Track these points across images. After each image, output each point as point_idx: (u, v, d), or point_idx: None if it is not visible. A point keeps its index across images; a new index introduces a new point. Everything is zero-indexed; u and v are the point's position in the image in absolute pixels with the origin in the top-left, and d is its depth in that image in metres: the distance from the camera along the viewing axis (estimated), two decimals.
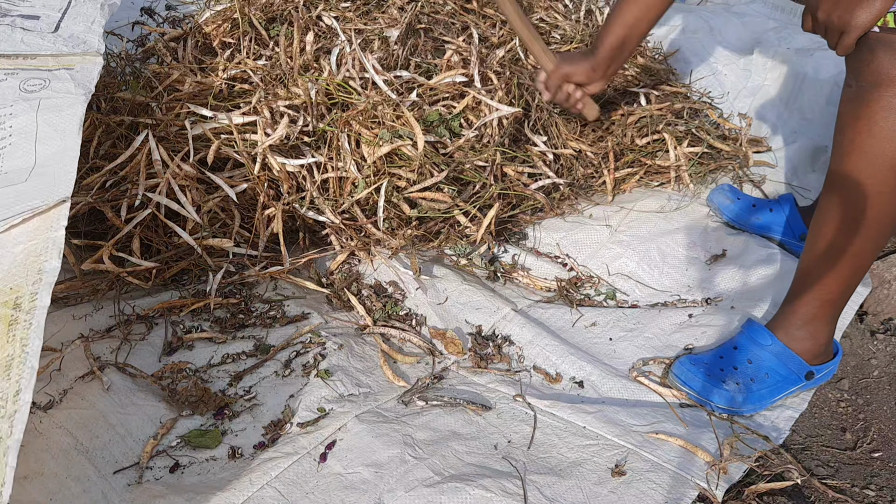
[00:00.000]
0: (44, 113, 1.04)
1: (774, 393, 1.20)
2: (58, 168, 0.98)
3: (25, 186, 0.95)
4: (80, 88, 1.10)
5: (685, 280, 1.53)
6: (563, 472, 1.04)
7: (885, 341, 1.39)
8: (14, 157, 0.99)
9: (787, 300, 1.23)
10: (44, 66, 1.13)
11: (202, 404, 1.12)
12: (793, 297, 1.21)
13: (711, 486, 1.03)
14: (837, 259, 1.11)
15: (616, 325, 1.39)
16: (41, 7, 1.27)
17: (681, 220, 1.66)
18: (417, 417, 1.13)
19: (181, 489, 0.98)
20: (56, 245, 0.87)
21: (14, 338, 0.78)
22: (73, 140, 1.02)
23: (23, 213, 0.89)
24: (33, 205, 0.91)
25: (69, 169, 0.97)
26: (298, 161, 1.44)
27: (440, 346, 1.34)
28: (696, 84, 2.02)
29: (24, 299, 0.82)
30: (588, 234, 1.64)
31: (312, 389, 1.16)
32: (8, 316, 0.80)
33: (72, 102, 1.06)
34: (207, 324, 1.31)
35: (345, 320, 1.36)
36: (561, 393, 1.24)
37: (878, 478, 1.12)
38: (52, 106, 1.06)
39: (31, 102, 1.06)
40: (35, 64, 1.13)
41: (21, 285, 0.83)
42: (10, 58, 1.12)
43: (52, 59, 1.15)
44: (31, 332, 0.78)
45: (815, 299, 1.17)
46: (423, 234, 1.48)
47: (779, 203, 1.62)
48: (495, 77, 1.66)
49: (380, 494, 0.98)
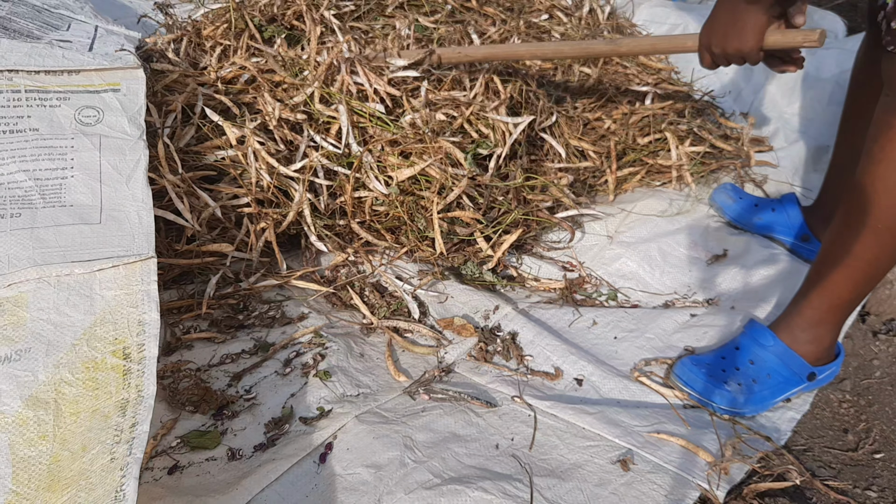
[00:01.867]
0: (107, 154, 1.10)
1: (776, 394, 1.20)
2: (131, 216, 1.05)
3: (103, 230, 1.01)
4: (134, 127, 1.16)
5: (686, 280, 1.52)
6: (564, 473, 1.04)
7: (887, 342, 1.39)
8: (76, 192, 1.04)
9: (795, 301, 1.22)
10: (91, 85, 1.17)
11: (204, 403, 1.12)
12: (800, 298, 1.21)
13: (713, 487, 1.03)
14: (852, 266, 1.10)
15: (617, 326, 1.38)
16: (71, 35, 1.33)
17: (682, 220, 1.65)
18: (417, 418, 1.12)
19: (180, 491, 0.97)
20: (152, 299, 0.96)
21: (129, 385, 0.90)
22: (141, 191, 1.08)
23: (110, 258, 0.98)
24: (116, 252, 0.99)
25: (146, 222, 1.05)
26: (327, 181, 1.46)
27: (450, 336, 1.34)
28: (698, 83, 2.02)
29: (132, 350, 0.92)
30: (589, 234, 1.63)
31: (312, 389, 1.16)
32: (121, 366, 0.91)
33: (132, 147, 1.13)
34: (206, 324, 1.31)
35: (346, 320, 1.36)
36: (562, 393, 1.23)
37: (879, 479, 1.12)
38: (114, 147, 1.12)
39: (92, 139, 1.11)
40: (81, 82, 1.17)
41: (125, 336, 0.93)
42: (57, 74, 1.17)
43: (96, 74, 1.20)
44: (145, 380, 0.90)
45: (823, 303, 1.16)
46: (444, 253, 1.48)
47: (781, 203, 1.61)
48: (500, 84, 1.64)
49: (379, 496, 0.98)
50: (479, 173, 1.48)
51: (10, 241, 0.95)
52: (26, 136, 1.07)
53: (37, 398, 0.85)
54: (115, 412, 0.87)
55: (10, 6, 1.31)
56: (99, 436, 0.85)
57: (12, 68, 1.13)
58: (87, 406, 0.86)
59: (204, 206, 1.38)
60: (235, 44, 1.63)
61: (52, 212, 1.00)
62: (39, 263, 0.93)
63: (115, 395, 0.88)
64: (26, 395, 0.85)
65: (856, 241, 1.09)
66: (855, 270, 1.10)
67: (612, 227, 1.64)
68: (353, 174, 1.44)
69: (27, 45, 1.18)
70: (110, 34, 1.43)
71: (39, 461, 0.81)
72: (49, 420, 0.84)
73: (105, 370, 0.89)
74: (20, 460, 0.81)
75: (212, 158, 1.43)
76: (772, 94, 2.04)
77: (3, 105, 1.09)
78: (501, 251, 1.46)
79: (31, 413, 0.84)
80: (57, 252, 0.96)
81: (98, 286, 0.95)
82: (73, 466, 0.82)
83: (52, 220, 0.99)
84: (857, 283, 1.12)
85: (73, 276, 0.94)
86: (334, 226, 1.50)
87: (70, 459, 0.83)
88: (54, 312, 0.91)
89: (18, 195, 1.00)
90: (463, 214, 1.45)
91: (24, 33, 1.23)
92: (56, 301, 0.92)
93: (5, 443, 0.81)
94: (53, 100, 1.13)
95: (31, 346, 0.88)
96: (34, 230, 0.97)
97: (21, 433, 0.82)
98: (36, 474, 0.81)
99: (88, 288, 0.94)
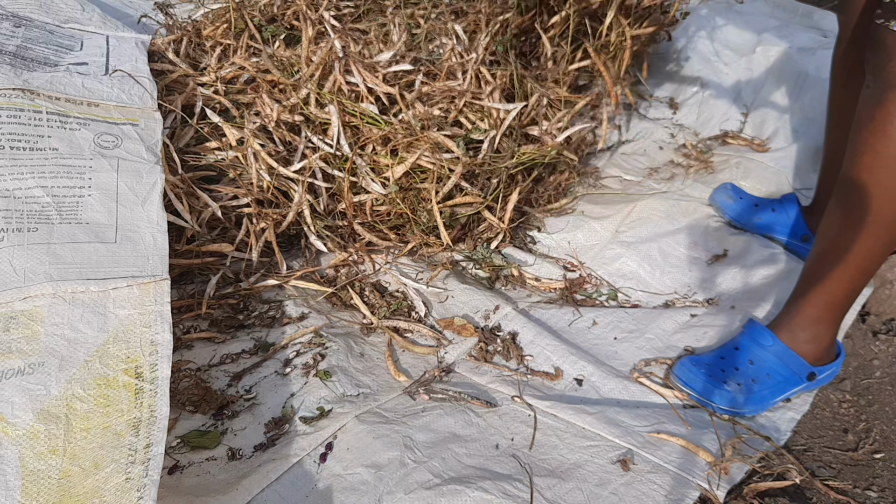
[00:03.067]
0: (123, 175, 1.12)
1: (776, 394, 1.20)
2: (146, 237, 1.06)
3: (118, 249, 1.03)
4: (151, 154, 1.18)
5: (686, 280, 1.52)
6: (564, 473, 1.04)
7: (887, 342, 1.39)
8: (93, 210, 1.06)
9: (791, 301, 1.22)
10: (110, 117, 1.19)
11: (204, 403, 1.12)
12: (797, 297, 1.21)
13: (713, 487, 1.03)
14: (846, 260, 1.10)
15: (617, 326, 1.38)
16: (85, 55, 1.35)
17: (682, 220, 1.65)
18: (417, 418, 1.12)
19: (180, 491, 0.97)
20: (165, 319, 0.97)
21: (142, 404, 0.90)
22: (156, 213, 1.10)
23: (125, 278, 0.99)
24: (131, 272, 1.00)
25: (161, 245, 1.06)
26: (326, 184, 1.47)
27: (450, 336, 1.34)
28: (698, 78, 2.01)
29: (144, 369, 0.93)
30: (589, 234, 1.64)
31: (312, 389, 1.16)
32: (133, 385, 0.91)
33: (149, 170, 1.15)
34: (206, 323, 1.31)
35: (346, 320, 1.36)
36: (562, 393, 1.23)
37: (879, 479, 1.11)
38: (132, 170, 1.13)
39: (110, 161, 1.12)
40: (101, 114, 1.19)
41: (137, 355, 0.94)
42: (77, 103, 1.19)
43: (116, 109, 1.22)
44: (158, 401, 0.91)
45: (820, 301, 1.16)
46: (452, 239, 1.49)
47: (781, 203, 1.61)
48: (488, 73, 1.64)
49: (379, 496, 0.98)
50: (472, 156, 1.49)
51: (27, 255, 0.96)
52: (46, 154, 1.09)
53: (48, 412, 0.85)
54: (128, 431, 0.88)
55: (24, 31, 1.33)
56: (112, 454, 0.85)
57: (34, 90, 1.15)
58: (98, 423, 0.87)
59: (204, 206, 1.38)
60: (235, 44, 1.63)
61: (68, 228, 1.01)
62: (55, 279, 0.94)
63: (126, 414, 0.89)
64: (38, 408, 0.85)
65: (847, 234, 1.09)
66: (849, 265, 1.11)
67: (613, 225, 1.64)
68: (347, 177, 1.44)
69: (47, 75, 1.21)
70: (122, 43, 1.44)
71: (49, 475, 0.82)
72: (60, 434, 0.85)
73: (117, 388, 0.90)
74: (30, 473, 0.81)
75: (212, 159, 1.43)
76: (772, 94, 2.04)
77: (25, 123, 1.10)
78: (508, 214, 1.49)
79: (42, 427, 0.84)
80: (73, 269, 0.97)
81: (112, 304, 0.96)
82: (86, 483, 0.83)
83: (68, 237, 1.00)
84: (853, 277, 1.12)
85: (88, 293, 0.95)
86: (336, 227, 1.50)
87: (81, 476, 0.83)
88: (68, 328, 0.92)
89: (36, 210, 1.01)
90: (464, 199, 1.45)
91: (41, 61, 1.25)
92: (70, 317, 0.93)
93: (16, 455, 0.82)
94: (73, 124, 1.15)
95: (45, 361, 0.89)
96: (50, 245, 0.98)
97: (31, 446, 0.83)
98: (45, 488, 0.81)
99: (102, 306, 0.95)
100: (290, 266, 1.47)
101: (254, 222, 1.42)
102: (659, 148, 1.96)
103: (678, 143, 1.97)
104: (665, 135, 2.00)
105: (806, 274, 1.19)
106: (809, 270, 1.18)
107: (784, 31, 2.19)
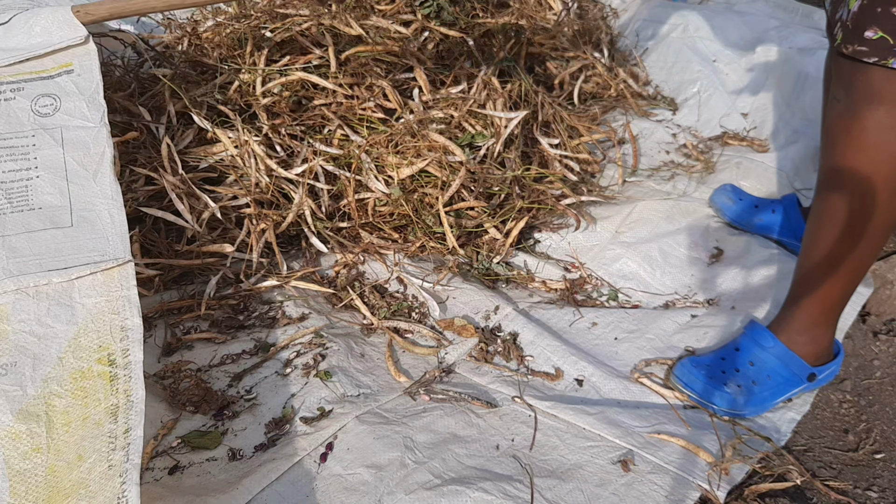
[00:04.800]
0: (70, 150, 1.05)
1: (776, 395, 1.20)
2: (103, 215, 1.01)
3: (76, 233, 0.98)
4: (94, 110, 1.09)
5: (687, 280, 1.52)
6: (564, 474, 1.04)
7: (887, 342, 1.39)
8: (44, 193, 1.00)
9: (787, 305, 1.23)
10: (43, 70, 1.11)
11: (204, 404, 1.12)
12: (792, 303, 1.21)
13: (713, 488, 1.03)
14: (834, 265, 1.12)
15: (618, 326, 1.38)
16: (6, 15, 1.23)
17: (682, 221, 1.65)
18: (418, 419, 1.12)
19: (181, 491, 0.97)
20: (133, 304, 0.94)
21: (117, 390, 0.89)
22: (110, 186, 1.03)
23: (87, 265, 0.95)
24: (93, 258, 0.96)
25: (119, 222, 1.00)
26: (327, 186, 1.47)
27: (450, 336, 1.34)
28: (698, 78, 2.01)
29: (116, 356, 0.91)
30: (589, 235, 1.63)
31: (313, 390, 1.16)
32: (107, 373, 0.90)
33: (95, 137, 1.07)
34: (206, 324, 1.31)
35: (346, 320, 1.36)
36: (562, 394, 1.23)
37: (880, 479, 1.12)
38: (77, 140, 1.06)
39: (52, 133, 1.06)
40: (33, 68, 1.10)
41: (108, 343, 0.91)
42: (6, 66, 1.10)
43: (47, 58, 1.12)
44: (133, 385, 0.90)
45: (814, 306, 1.17)
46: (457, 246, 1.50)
47: (781, 203, 1.61)
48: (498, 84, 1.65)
49: (379, 497, 0.98)
50: (475, 162, 1.50)
51: None
52: None
53: (27, 411, 0.84)
54: (107, 419, 0.87)
55: None
56: (94, 444, 0.85)
57: None
58: (77, 415, 0.86)
59: (204, 206, 1.38)
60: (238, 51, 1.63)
61: (20, 217, 0.96)
62: (15, 274, 0.91)
63: (104, 402, 0.88)
64: (16, 409, 0.84)
65: (832, 242, 1.10)
66: (838, 270, 1.12)
67: (614, 226, 1.64)
68: (353, 175, 1.44)
69: None
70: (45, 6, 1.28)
71: (35, 473, 0.82)
72: (42, 432, 0.84)
73: (92, 378, 0.89)
74: (16, 474, 0.81)
75: (212, 160, 1.43)
76: (772, 95, 2.04)
77: None
78: (510, 240, 1.50)
79: (23, 426, 0.83)
80: (32, 261, 0.93)
81: (78, 295, 0.93)
82: (71, 476, 0.83)
83: (22, 227, 0.96)
84: (843, 281, 1.14)
85: (52, 285, 0.92)
86: (338, 228, 1.50)
87: (67, 469, 0.83)
88: (36, 324, 0.90)
89: None
90: (467, 205, 1.46)
91: None
92: (37, 312, 0.90)
93: (0, 458, 0.81)
94: (7, 92, 1.08)
95: (17, 360, 0.87)
96: (5, 238, 0.94)
97: (14, 447, 0.82)
98: (33, 486, 0.81)
99: (68, 297, 0.92)
100: (291, 266, 1.47)
101: (254, 223, 1.42)
102: (659, 149, 1.96)
103: (678, 144, 1.97)
104: (665, 135, 2.00)
105: (798, 279, 1.20)
106: (801, 276, 1.19)
107: (784, 31, 2.19)
